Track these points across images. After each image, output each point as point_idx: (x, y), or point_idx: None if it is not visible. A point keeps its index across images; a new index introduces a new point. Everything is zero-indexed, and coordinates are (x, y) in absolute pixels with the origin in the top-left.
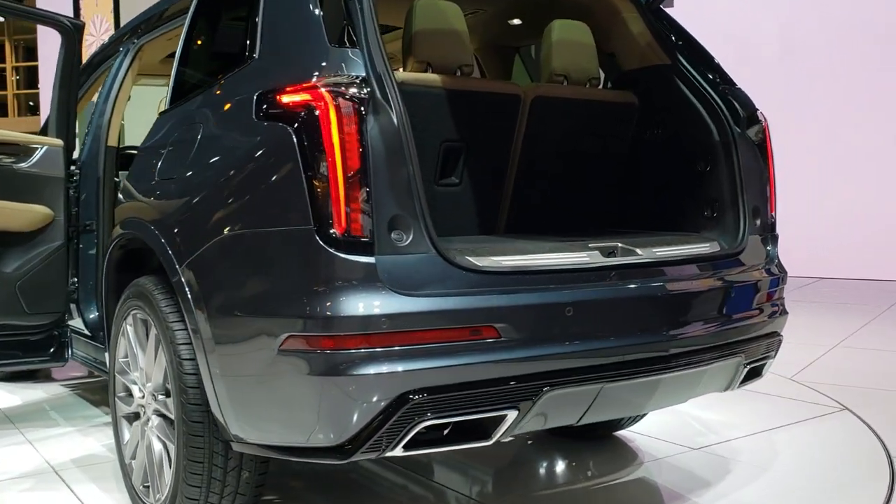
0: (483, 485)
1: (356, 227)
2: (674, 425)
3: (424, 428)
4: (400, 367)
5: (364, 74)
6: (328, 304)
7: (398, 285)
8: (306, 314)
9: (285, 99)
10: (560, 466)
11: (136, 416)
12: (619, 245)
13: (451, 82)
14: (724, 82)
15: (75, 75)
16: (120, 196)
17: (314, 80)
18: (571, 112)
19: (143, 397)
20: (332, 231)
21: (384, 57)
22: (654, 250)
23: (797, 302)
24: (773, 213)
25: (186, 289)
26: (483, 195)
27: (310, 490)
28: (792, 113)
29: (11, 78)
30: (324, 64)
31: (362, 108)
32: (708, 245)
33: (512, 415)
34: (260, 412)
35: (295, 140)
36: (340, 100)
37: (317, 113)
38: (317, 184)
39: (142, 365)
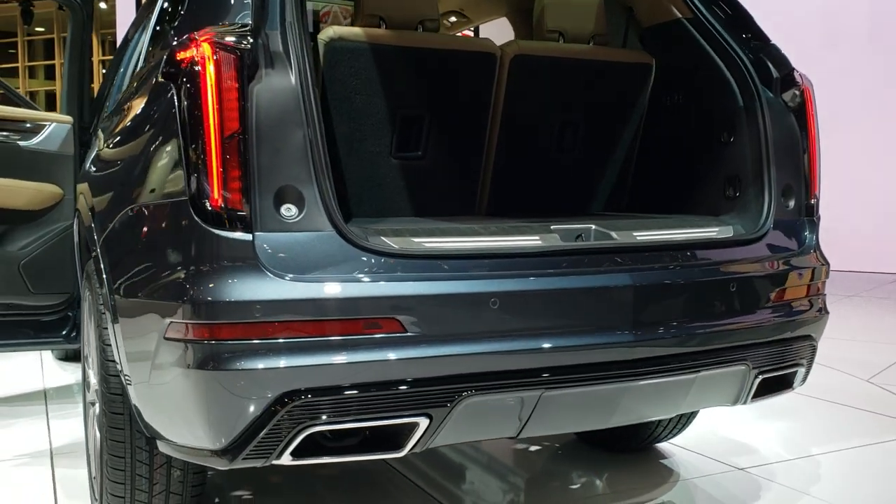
0: (502, 495)
1: (234, 199)
2: (719, 439)
3: (321, 434)
4: (279, 364)
5: (252, 24)
6: (201, 287)
7: (282, 267)
8: (182, 298)
9: (178, 56)
10: (588, 480)
11: (93, 404)
12: (593, 227)
13: (408, 39)
14: (755, 38)
15: (86, 51)
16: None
17: (201, 31)
18: (564, 75)
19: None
20: (206, 203)
21: (298, 7)
22: (638, 234)
23: (882, 300)
24: (815, 194)
25: (102, 267)
26: (457, 171)
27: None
28: None
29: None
30: (224, 14)
31: (246, 63)
32: (717, 230)
33: (423, 423)
34: (159, 406)
35: (175, 100)
36: (221, 53)
37: (197, 68)
38: (192, 149)
39: (86, 352)
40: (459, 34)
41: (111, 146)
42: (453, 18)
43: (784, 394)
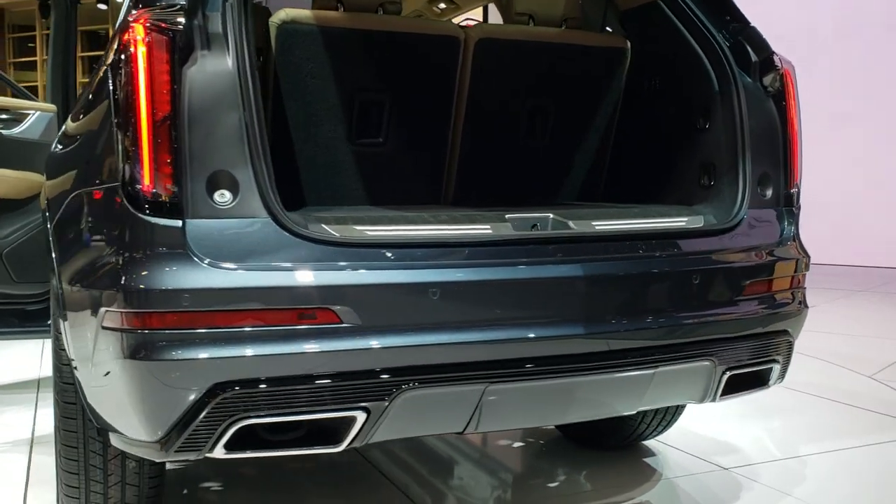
0: (482, 491)
1: (165, 184)
2: (709, 437)
3: (257, 426)
4: (208, 354)
5: (190, 5)
6: (132, 275)
7: (213, 255)
8: (115, 286)
9: (117, 39)
10: (568, 477)
11: None
12: (552, 217)
13: (364, 22)
14: (734, 20)
15: (71, 40)
16: None
17: (138, 13)
18: (532, 59)
19: None
20: (137, 189)
21: None
22: (597, 224)
23: (891, 294)
24: (795, 183)
25: (53, 256)
26: (421, 159)
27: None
28: None
29: None
30: None
31: (178, 45)
32: (685, 219)
33: (361, 417)
34: (103, 397)
35: (110, 82)
36: (153, 35)
37: (130, 51)
38: (125, 134)
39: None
40: (464, 23)
41: (64, 134)
42: (443, 5)
43: (759, 391)
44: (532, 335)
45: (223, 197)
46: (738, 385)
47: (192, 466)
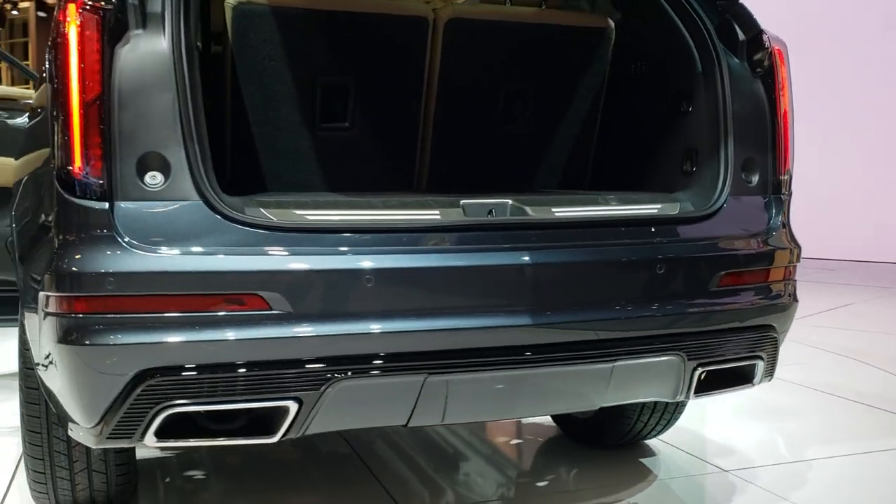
0: (474, 488)
1: (95, 166)
2: (714, 437)
3: (188, 415)
4: (135, 340)
5: None
6: (63, 258)
7: (141, 238)
8: (49, 270)
9: (58, 16)
10: (561, 475)
11: None
12: (510, 203)
13: (326, 2)
14: None
15: None
16: None
17: None
18: (506, 40)
19: None
20: (68, 170)
21: None
22: (558, 210)
23: None
24: (786, 170)
25: (13, 237)
26: (390, 144)
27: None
28: None
29: None
30: None
31: (110, 24)
32: (658, 207)
33: (293, 407)
34: (50, 382)
35: (48, 63)
36: (84, 14)
37: (62, 30)
38: (58, 114)
39: None
40: None
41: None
42: None
43: (742, 389)
44: (475, 325)
45: (154, 179)
46: (717, 382)
47: (182, 460)
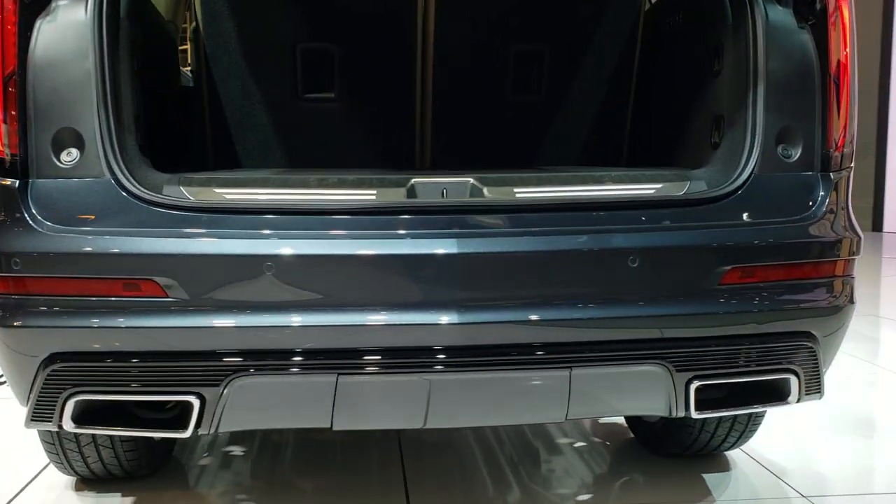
0: (522, 487)
1: (11, 142)
2: (807, 455)
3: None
4: (40, 323)
5: None
6: None
7: (49, 217)
8: None
9: None
10: (612, 483)
11: None
12: (471, 181)
13: None
14: None
15: None
16: None
17: None
18: None
19: None
20: None
21: None
22: (523, 192)
23: None
24: (842, 142)
25: None
26: (384, 115)
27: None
28: None
29: None
30: None
31: None
32: (659, 186)
33: (196, 403)
34: None
35: None
36: None
37: None
38: None
39: None
40: None
41: None
42: None
43: (776, 407)
44: (392, 322)
45: (69, 156)
46: (736, 398)
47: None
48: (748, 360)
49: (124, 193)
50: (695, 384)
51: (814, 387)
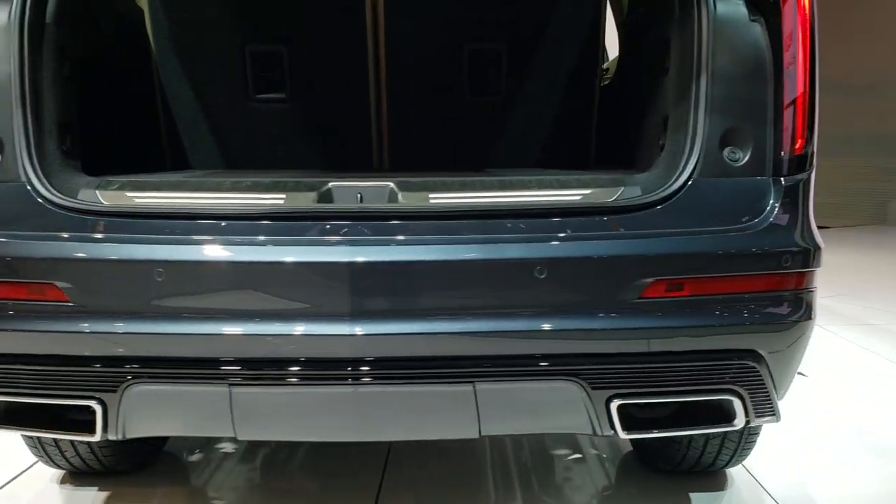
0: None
1: None
2: (817, 476)
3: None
4: None
5: None
6: None
7: None
8: None
9: None
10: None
11: None
12: (392, 185)
13: None
14: None
15: None
16: None
17: None
18: None
19: None
20: None
21: None
22: (439, 197)
23: None
24: (799, 144)
25: None
26: (338, 117)
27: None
28: None
29: None
30: None
31: None
32: (587, 192)
33: (98, 408)
34: None
35: None
36: None
37: None
38: None
39: None
40: None
41: None
42: None
43: (721, 429)
44: (285, 332)
45: None
46: (672, 420)
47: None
48: (678, 379)
49: (38, 198)
50: (615, 402)
51: (765, 409)
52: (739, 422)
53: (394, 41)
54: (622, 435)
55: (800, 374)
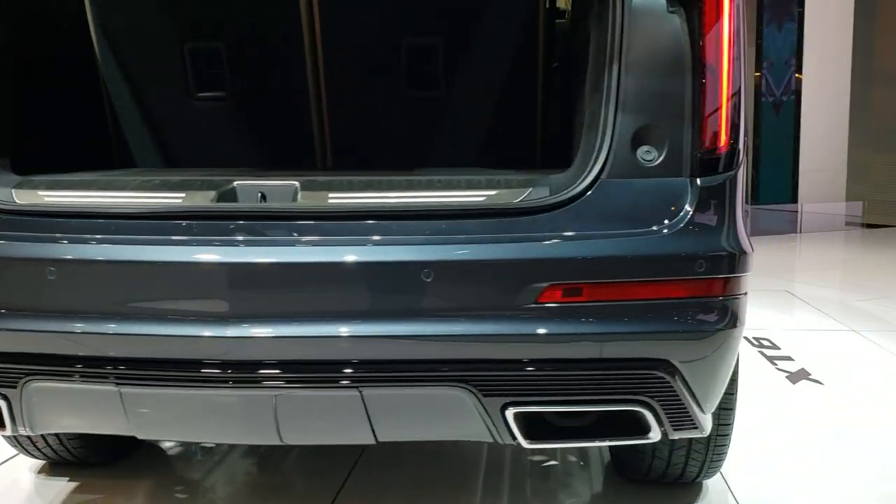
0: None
1: None
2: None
3: None
4: None
5: None
6: None
7: None
8: None
9: None
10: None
11: None
12: (297, 184)
13: None
14: None
15: None
16: None
17: None
18: None
19: None
20: None
21: None
22: (339, 198)
23: None
24: (723, 141)
25: None
26: (279, 115)
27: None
28: None
29: None
30: None
31: None
32: (492, 193)
33: (3, 403)
34: None
35: None
36: None
37: None
38: None
39: None
40: None
41: None
42: None
43: (636, 442)
44: (173, 333)
45: None
46: (579, 430)
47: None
48: (579, 389)
49: None
50: (511, 411)
51: (683, 422)
52: (655, 435)
53: (330, 35)
54: (525, 444)
55: (814, 381)
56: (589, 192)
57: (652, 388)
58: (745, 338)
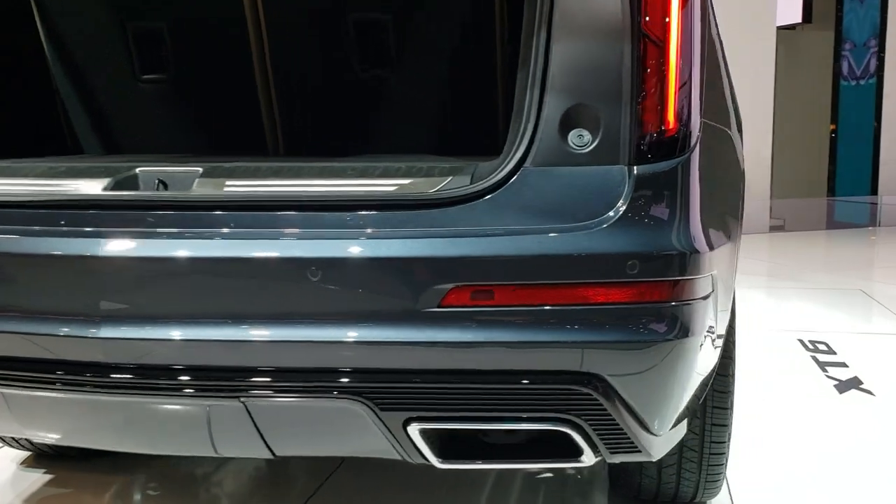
0: None
1: None
2: None
3: None
4: None
5: None
6: None
7: None
8: None
9: None
10: None
11: None
12: (200, 171)
13: None
14: None
15: None
16: None
17: None
18: None
19: None
20: None
21: None
22: (236, 186)
23: None
24: (671, 125)
25: None
26: (225, 96)
27: None
28: None
29: None
30: None
31: None
32: (406, 182)
33: None
34: None
35: None
36: None
37: None
38: None
39: None
40: None
41: None
42: None
43: (568, 464)
44: (38, 331)
45: None
46: (512, 449)
47: None
48: (491, 404)
49: None
50: (414, 427)
51: (621, 444)
52: (588, 458)
53: (272, 11)
54: (437, 464)
55: (865, 391)
56: (509, 182)
57: (579, 405)
58: (800, 341)
